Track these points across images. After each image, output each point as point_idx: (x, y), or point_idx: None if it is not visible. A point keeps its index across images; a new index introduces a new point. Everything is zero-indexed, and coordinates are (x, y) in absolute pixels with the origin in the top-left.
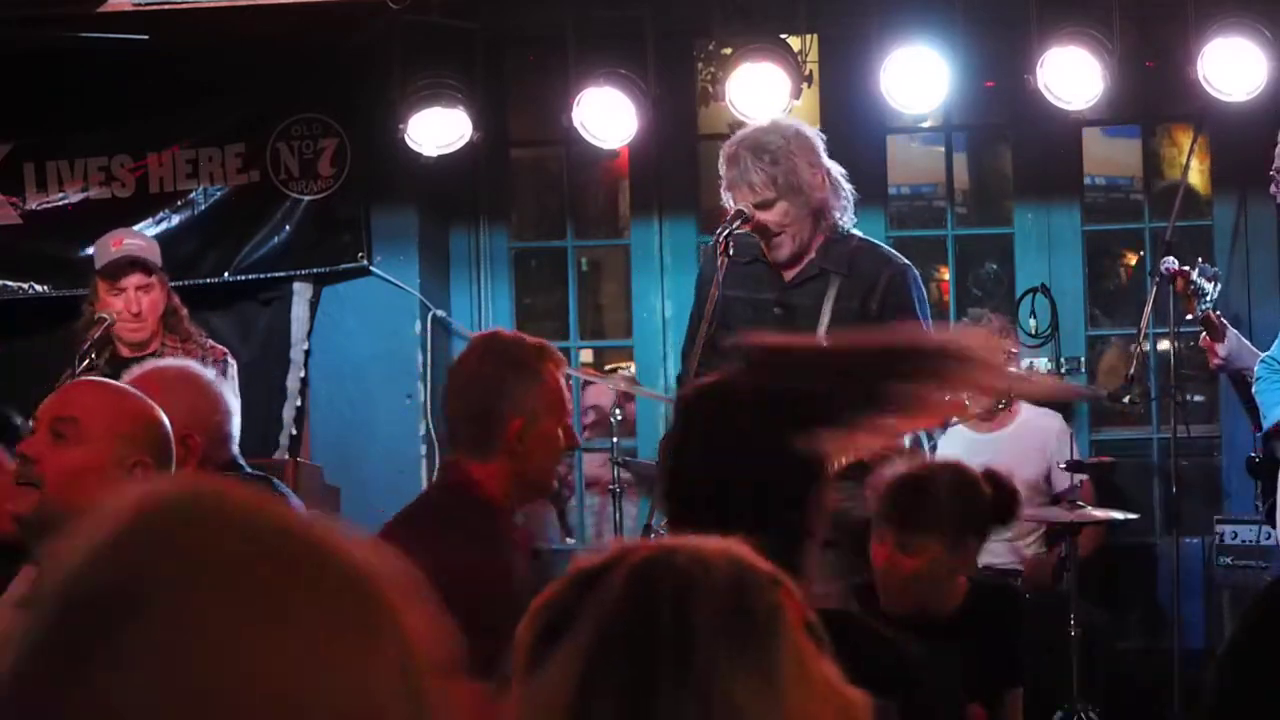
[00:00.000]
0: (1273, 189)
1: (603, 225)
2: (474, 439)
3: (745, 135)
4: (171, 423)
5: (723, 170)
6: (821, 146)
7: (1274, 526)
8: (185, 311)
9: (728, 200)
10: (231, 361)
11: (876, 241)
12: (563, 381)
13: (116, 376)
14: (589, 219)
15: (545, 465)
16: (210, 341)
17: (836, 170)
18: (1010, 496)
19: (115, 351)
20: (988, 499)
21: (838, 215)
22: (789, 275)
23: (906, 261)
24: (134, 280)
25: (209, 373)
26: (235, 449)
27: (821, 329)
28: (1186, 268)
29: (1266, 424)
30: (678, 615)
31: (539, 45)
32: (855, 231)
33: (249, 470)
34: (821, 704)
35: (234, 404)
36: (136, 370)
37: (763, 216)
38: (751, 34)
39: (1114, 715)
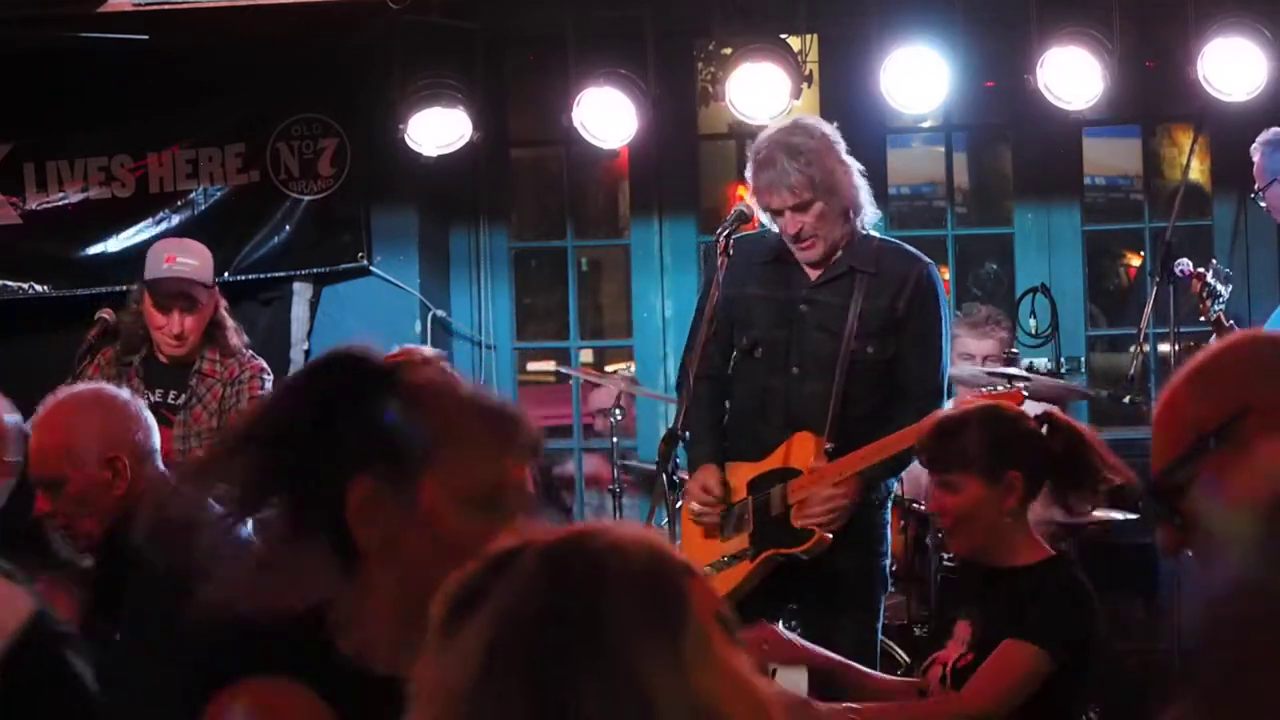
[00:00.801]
0: (1262, 204)
1: (603, 225)
2: None
3: (774, 137)
4: (93, 447)
5: (752, 173)
6: (843, 144)
7: None
8: (231, 324)
9: (754, 203)
10: (269, 375)
11: (896, 240)
12: None
13: (150, 379)
14: (589, 219)
15: None
16: (250, 354)
17: (857, 167)
18: (1075, 438)
19: (152, 353)
20: (1033, 433)
21: (864, 214)
22: (814, 274)
23: (930, 260)
24: (181, 303)
25: (123, 392)
26: (160, 463)
27: (849, 327)
28: (1202, 269)
29: None
30: (590, 596)
31: (539, 45)
32: (872, 231)
33: None
34: (731, 692)
35: (151, 420)
36: (50, 399)
37: (799, 218)
38: (751, 34)
39: (1114, 715)
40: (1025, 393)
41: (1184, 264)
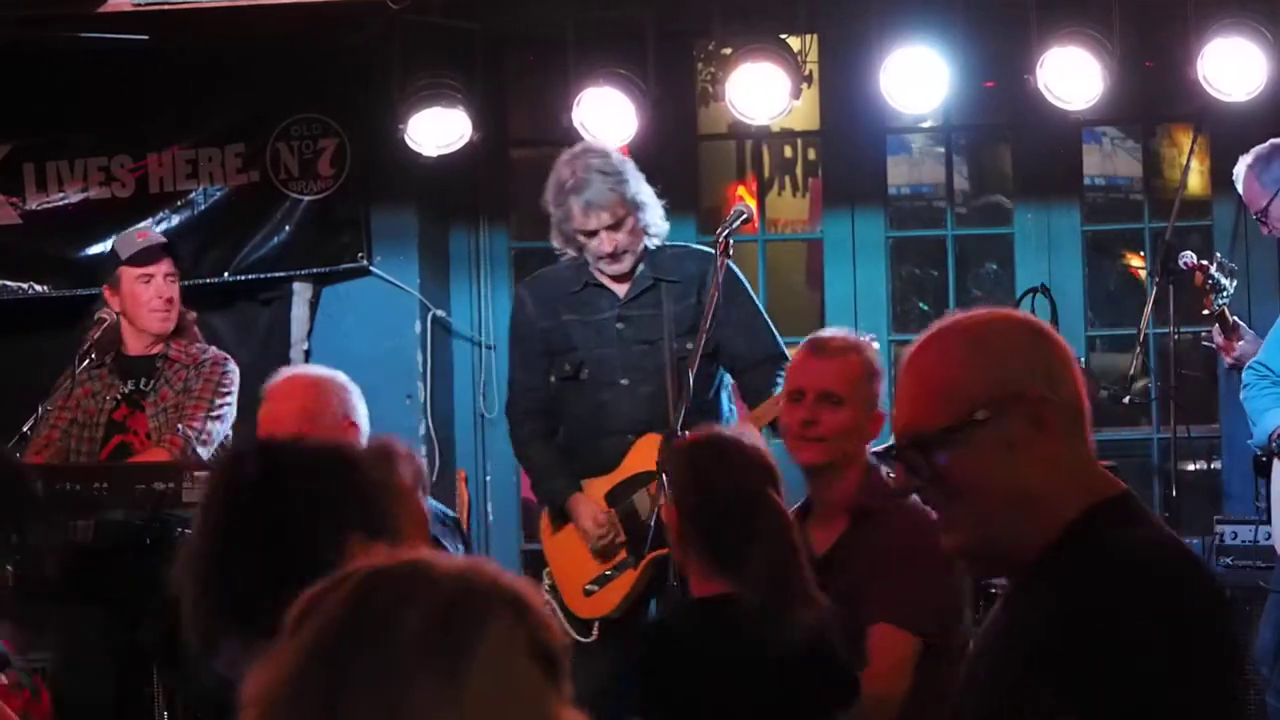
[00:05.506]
0: (1264, 228)
1: None
2: None
3: (579, 161)
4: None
5: (561, 197)
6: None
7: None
8: (192, 315)
9: (567, 228)
10: (232, 367)
11: (681, 244)
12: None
13: (124, 372)
14: None
15: None
16: (211, 347)
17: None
18: None
19: (121, 352)
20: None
21: (654, 228)
22: (623, 291)
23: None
24: (163, 268)
25: (340, 374)
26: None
27: (666, 331)
28: (1205, 262)
29: (1258, 434)
30: (384, 618)
31: (539, 45)
32: (657, 240)
33: None
34: None
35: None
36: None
37: (614, 236)
38: (751, 34)
39: None
40: None
41: (1188, 256)
